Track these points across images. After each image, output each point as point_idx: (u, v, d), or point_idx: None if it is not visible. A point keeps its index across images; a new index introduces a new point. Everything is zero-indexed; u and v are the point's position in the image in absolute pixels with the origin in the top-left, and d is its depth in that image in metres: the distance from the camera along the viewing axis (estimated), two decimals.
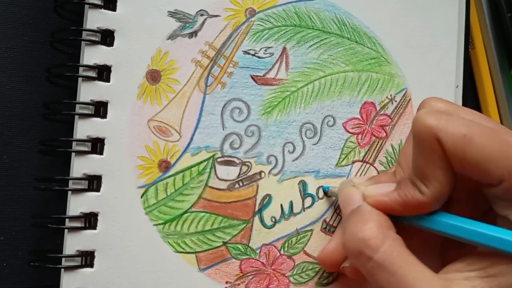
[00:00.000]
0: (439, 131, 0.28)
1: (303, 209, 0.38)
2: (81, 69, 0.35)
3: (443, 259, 0.33)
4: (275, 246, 0.38)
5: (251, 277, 0.37)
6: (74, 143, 0.35)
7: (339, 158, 0.39)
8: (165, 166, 0.36)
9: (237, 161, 0.37)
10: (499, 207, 0.29)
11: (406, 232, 0.32)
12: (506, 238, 0.28)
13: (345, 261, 0.35)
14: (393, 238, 0.30)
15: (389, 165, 0.40)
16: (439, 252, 0.34)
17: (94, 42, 0.35)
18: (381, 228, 0.31)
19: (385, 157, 0.40)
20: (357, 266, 0.31)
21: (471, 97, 0.48)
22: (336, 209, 0.39)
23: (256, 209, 0.37)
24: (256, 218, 0.37)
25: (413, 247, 0.30)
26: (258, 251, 0.37)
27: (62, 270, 0.34)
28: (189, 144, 0.37)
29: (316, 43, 0.39)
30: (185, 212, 0.36)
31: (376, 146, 0.40)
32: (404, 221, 0.32)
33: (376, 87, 0.40)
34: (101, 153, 0.35)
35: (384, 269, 0.29)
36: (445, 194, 0.30)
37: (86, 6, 0.36)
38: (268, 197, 0.38)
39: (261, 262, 0.37)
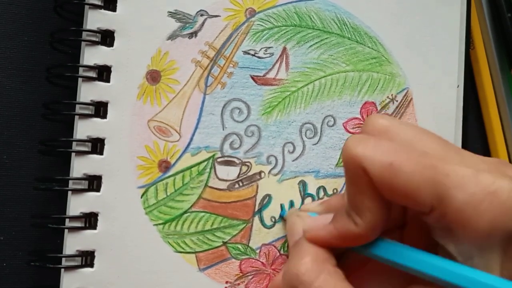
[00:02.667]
0: (364, 160, 0.27)
1: None
2: (81, 69, 0.35)
3: (410, 280, 0.31)
4: (275, 246, 0.38)
5: (251, 277, 0.37)
6: (74, 143, 0.35)
7: (340, 158, 0.39)
8: (165, 166, 0.36)
9: (237, 161, 0.37)
10: (436, 236, 0.29)
11: (361, 257, 0.31)
12: (440, 266, 0.27)
13: None
14: (328, 272, 0.29)
15: None
16: (402, 273, 0.32)
17: (94, 43, 0.35)
18: (316, 261, 0.30)
19: None
20: None
21: (471, 97, 0.48)
22: None
23: (256, 209, 0.37)
24: (256, 218, 0.37)
25: (372, 271, 0.30)
26: (258, 251, 0.37)
27: (62, 270, 0.34)
28: (189, 144, 0.37)
29: (316, 43, 0.39)
30: (185, 212, 0.36)
31: None
32: (352, 250, 0.31)
33: (377, 87, 0.40)
34: (101, 153, 0.35)
35: None
36: (380, 223, 0.29)
37: (86, 7, 0.36)
38: (268, 197, 0.38)
39: (261, 262, 0.37)
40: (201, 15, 0.38)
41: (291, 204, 0.38)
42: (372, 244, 0.30)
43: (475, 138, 0.48)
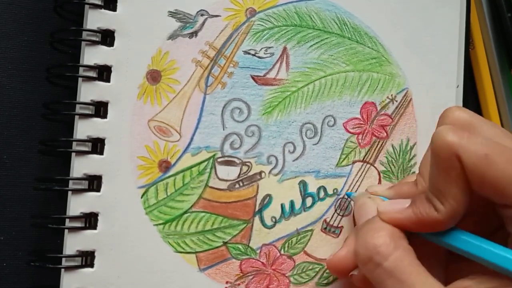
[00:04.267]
0: (459, 149, 0.28)
1: (304, 209, 0.38)
2: (81, 69, 0.35)
3: (446, 272, 0.33)
4: (275, 246, 0.38)
5: (251, 277, 0.37)
6: (74, 143, 0.35)
7: (340, 158, 0.39)
8: (165, 166, 0.36)
9: (238, 161, 0.37)
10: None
11: (415, 241, 0.32)
12: None
13: (354, 269, 0.35)
14: (404, 248, 0.30)
15: (389, 166, 0.40)
16: (444, 264, 0.34)
17: (94, 42, 0.35)
18: (393, 237, 0.31)
19: (386, 157, 0.40)
20: (365, 273, 0.31)
21: (471, 97, 0.48)
22: (337, 209, 0.39)
23: (257, 209, 0.37)
24: (256, 218, 0.37)
25: (420, 257, 0.30)
26: (258, 251, 0.37)
27: (62, 270, 0.34)
28: (189, 144, 0.37)
29: (316, 43, 0.39)
30: (185, 212, 0.36)
31: (376, 146, 0.40)
32: (422, 235, 0.32)
33: (377, 87, 0.40)
34: (101, 153, 0.35)
35: (393, 277, 0.29)
36: (460, 212, 0.29)
37: (86, 6, 0.36)
38: (268, 197, 0.38)
39: (261, 262, 0.37)
40: (202, 15, 0.38)
41: (292, 204, 0.38)
42: (446, 232, 0.30)
43: None
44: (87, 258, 0.35)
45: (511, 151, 0.28)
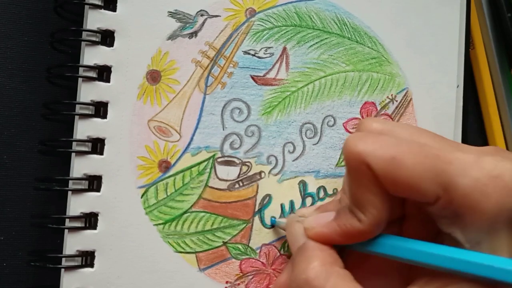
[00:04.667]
0: (366, 155, 0.27)
1: None
2: (81, 69, 0.35)
3: (407, 277, 0.32)
4: (275, 246, 0.38)
5: (251, 277, 0.37)
6: (74, 143, 0.35)
7: (340, 158, 0.39)
8: (165, 166, 0.36)
9: (237, 161, 0.37)
10: (442, 225, 0.29)
11: (359, 256, 0.31)
12: (450, 256, 0.27)
13: None
14: (338, 274, 0.29)
15: None
16: (401, 271, 0.33)
17: (94, 43, 0.35)
18: (325, 265, 0.30)
19: None
20: None
21: (471, 97, 0.48)
22: None
23: (256, 209, 0.37)
24: (256, 218, 0.37)
25: (370, 270, 0.30)
26: (258, 251, 0.37)
27: (62, 270, 0.34)
28: (189, 144, 0.37)
29: (316, 43, 0.39)
30: (185, 212, 0.36)
31: None
32: (352, 248, 0.31)
33: (377, 87, 0.40)
34: (101, 153, 0.35)
35: None
36: (383, 218, 0.29)
37: (86, 7, 0.36)
38: (268, 197, 0.38)
39: (261, 262, 0.37)
40: (201, 15, 0.38)
41: (291, 204, 0.38)
42: (373, 240, 0.30)
43: (475, 138, 0.48)
44: (87, 258, 0.35)
45: (419, 147, 0.28)
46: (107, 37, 0.36)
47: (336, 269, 0.30)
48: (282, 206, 0.38)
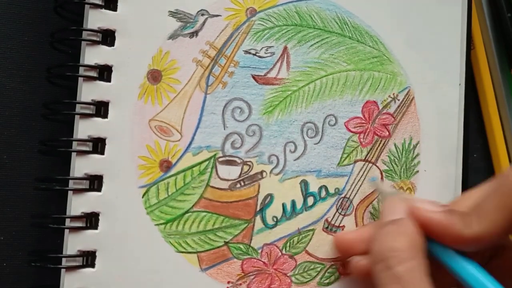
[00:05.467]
0: None
1: (305, 208, 0.38)
2: (81, 69, 0.35)
3: None
4: (276, 246, 0.38)
5: (252, 277, 0.37)
6: (75, 143, 0.35)
7: (341, 158, 0.39)
8: (166, 166, 0.36)
9: (239, 161, 0.37)
10: None
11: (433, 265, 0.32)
12: None
13: (359, 256, 0.35)
14: (420, 260, 0.30)
15: (392, 165, 0.40)
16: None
17: (95, 42, 0.35)
18: (413, 246, 0.30)
19: (388, 156, 0.40)
20: (373, 269, 0.31)
21: (471, 97, 0.48)
22: (338, 208, 0.39)
23: (258, 208, 0.37)
24: (258, 218, 0.37)
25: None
26: (259, 251, 0.37)
27: (63, 270, 0.34)
28: (190, 143, 0.37)
29: (317, 42, 0.39)
30: (187, 212, 0.36)
31: (378, 145, 0.40)
32: (433, 250, 0.31)
33: (378, 86, 0.40)
34: (102, 153, 0.35)
35: (399, 284, 0.29)
36: (487, 240, 0.29)
37: (87, 6, 0.36)
38: (269, 197, 0.38)
39: (262, 262, 0.37)
40: (202, 14, 0.37)
41: (293, 203, 0.38)
42: (459, 255, 0.30)
43: (475, 138, 0.48)
44: (88, 258, 0.35)
45: None
46: (107, 37, 0.36)
47: (420, 255, 0.30)
48: (283, 205, 0.38)
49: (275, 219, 0.38)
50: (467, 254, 0.31)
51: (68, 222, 0.34)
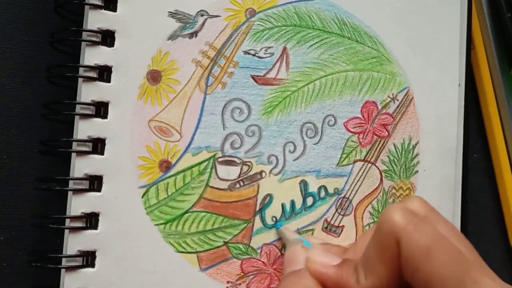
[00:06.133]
0: (401, 232, 0.27)
1: (304, 208, 0.38)
2: (81, 69, 0.35)
3: None
4: (276, 246, 0.38)
5: (252, 276, 0.37)
6: (75, 143, 0.35)
7: (340, 158, 0.39)
8: (166, 166, 0.36)
9: (238, 161, 0.37)
10: None
11: None
12: None
13: None
14: None
15: (391, 165, 0.40)
16: None
17: (94, 43, 0.35)
18: None
19: (388, 156, 0.40)
20: None
21: (471, 97, 0.48)
22: (338, 208, 0.39)
23: (257, 208, 0.37)
24: (257, 218, 0.37)
25: None
26: (259, 251, 0.37)
27: (63, 270, 0.34)
28: (189, 144, 0.37)
29: (316, 42, 0.39)
30: (186, 212, 0.36)
31: (378, 146, 0.40)
32: None
33: (378, 86, 0.40)
34: (102, 153, 0.35)
35: None
36: None
37: (87, 7, 0.36)
38: (269, 197, 0.38)
39: (262, 261, 0.37)
40: (202, 15, 0.38)
41: (292, 204, 0.38)
42: None
43: (475, 138, 0.48)
44: (88, 258, 0.35)
45: (456, 253, 0.27)
46: (107, 37, 0.36)
47: None
48: (283, 205, 0.38)
49: (274, 219, 0.38)
50: None
51: (68, 222, 0.34)
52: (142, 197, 0.36)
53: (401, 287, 0.29)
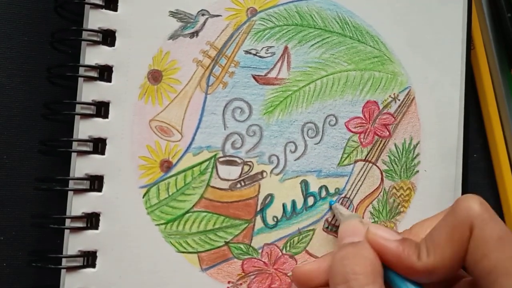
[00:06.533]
0: (478, 220, 0.28)
1: (305, 208, 0.38)
2: (82, 69, 0.35)
3: None
4: (277, 246, 0.38)
5: (253, 276, 0.37)
6: (75, 143, 0.35)
7: (341, 158, 0.39)
8: (166, 166, 0.36)
9: (239, 161, 0.37)
10: None
11: None
12: None
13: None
14: (380, 286, 0.30)
15: (392, 165, 0.40)
16: None
17: (95, 42, 0.35)
18: (374, 270, 0.30)
19: (388, 156, 0.40)
20: None
21: (471, 97, 0.48)
22: None
23: (258, 208, 0.37)
24: (258, 218, 0.37)
25: None
26: (260, 251, 0.37)
27: (64, 270, 0.34)
28: (190, 144, 0.37)
29: (317, 42, 0.39)
30: (187, 212, 0.36)
31: (379, 145, 0.40)
32: (388, 277, 0.31)
33: (379, 86, 0.40)
34: (102, 153, 0.35)
35: None
36: (439, 273, 0.29)
37: (87, 6, 0.36)
38: (270, 197, 0.38)
39: (263, 261, 0.37)
40: (202, 14, 0.37)
41: (293, 203, 0.38)
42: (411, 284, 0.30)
43: (475, 138, 0.48)
44: (88, 258, 0.35)
45: None
46: (108, 37, 0.36)
47: (380, 281, 0.30)
48: (284, 205, 0.38)
49: (275, 219, 0.38)
50: (424, 285, 0.31)
51: (68, 222, 0.34)
52: (143, 197, 0.36)
53: (453, 273, 0.30)
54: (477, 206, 0.29)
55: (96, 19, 0.35)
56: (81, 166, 0.35)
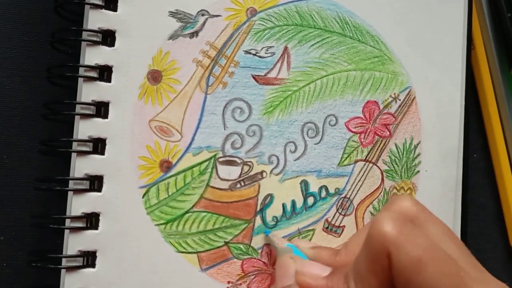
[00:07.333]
0: (393, 245, 0.26)
1: (305, 208, 0.38)
2: (82, 69, 0.35)
3: None
4: None
5: (253, 277, 0.37)
6: (75, 143, 0.35)
7: (342, 158, 0.39)
8: (166, 166, 0.36)
9: (239, 161, 0.37)
10: None
11: None
12: None
13: None
14: None
15: (393, 165, 0.40)
16: None
17: (95, 43, 0.35)
18: None
19: (389, 156, 0.40)
20: None
21: (471, 97, 0.48)
22: (338, 208, 0.39)
23: (258, 208, 0.37)
24: (258, 218, 0.37)
25: None
26: (259, 251, 0.37)
27: (64, 270, 0.34)
28: (190, 144, 0.37)
29: (317, 42, 0.39)
30: (187, 212, 0.36)
31: (379, 145, 0.40)
32: None
33: (379, 85, 0.40)
34: (102, 153, 0.35)
35: None
36: None
37: (87, 7, 0.36)
38: (269, 197, 0.38)
39: (262, 261, 0.37)
40: (202, 14, 0.37)
41: (293, 203, 0.38)
42: None
43: (475, 138, 0.48)
44: (88, 258, 0.34)
45: (449, 261, 0.26)
46: (108, 37, 0.36)
47: None
48: (283, 205, 0.38)
49: (275, 219, 0.38)
50: None
51: (68, 223, 0.34)
52: (142, 197, 0.36)
53: None
54: (389, 229, 0.26)
55: (96, 19, 0.35)
56: (81, 166, 0.35)
